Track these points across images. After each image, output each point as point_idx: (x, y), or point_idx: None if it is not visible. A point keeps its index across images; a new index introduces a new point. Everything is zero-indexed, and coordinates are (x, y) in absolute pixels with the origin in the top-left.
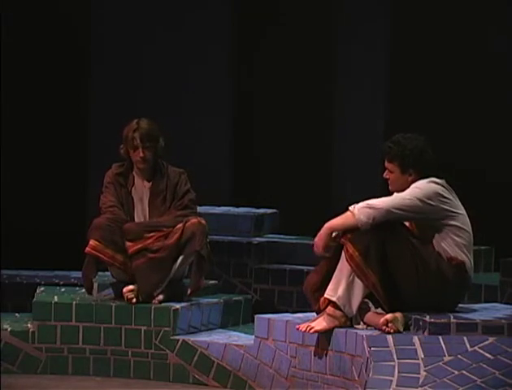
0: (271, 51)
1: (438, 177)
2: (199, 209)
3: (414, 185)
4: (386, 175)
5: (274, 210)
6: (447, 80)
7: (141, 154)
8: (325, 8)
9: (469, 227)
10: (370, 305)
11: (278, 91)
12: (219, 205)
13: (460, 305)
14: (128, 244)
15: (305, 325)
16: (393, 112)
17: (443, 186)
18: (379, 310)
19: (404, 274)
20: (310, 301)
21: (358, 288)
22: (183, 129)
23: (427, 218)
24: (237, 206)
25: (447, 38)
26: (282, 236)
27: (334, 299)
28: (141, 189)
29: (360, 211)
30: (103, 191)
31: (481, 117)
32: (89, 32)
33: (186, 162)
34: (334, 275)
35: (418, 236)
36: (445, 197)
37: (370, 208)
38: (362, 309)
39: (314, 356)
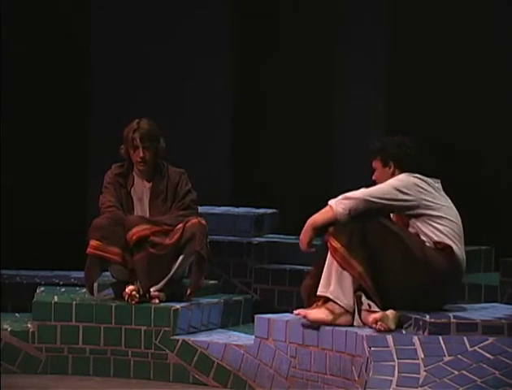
0: (271, 52)
1: (432, 177)
2: (199, 209)
3: (394, 177)
4: (373, 176)
5: (274, 210)
6: (446, 81)
7: (141, 154)
8: (325, 9)
9: (456, 219)
10: (363, 299)
11: (278, 91)
12: (219, 205)
13: (460, 305)
14: (128, 234)
15: (303, 311)
16: (393, 113)
17: (424, 181)
18: (373, 305)
19: (389, 262)
20: (306, 306)
21: (348, 279)
22: (183, 129)
23: (406, 207)
24: (237, 206)
25: (445, 39)
26: (282, 236)
27: (327, 294)
28: (141, 189)
29: (337, 203)
30: (103, 191)
31: (481, 117)
32: (89, 32)
33: (186, 163)
34: (323, 272)
35: (401, 226)
36: (425, 189)
37: (346, 199)
38: (359, 304)
39: (314, 356)
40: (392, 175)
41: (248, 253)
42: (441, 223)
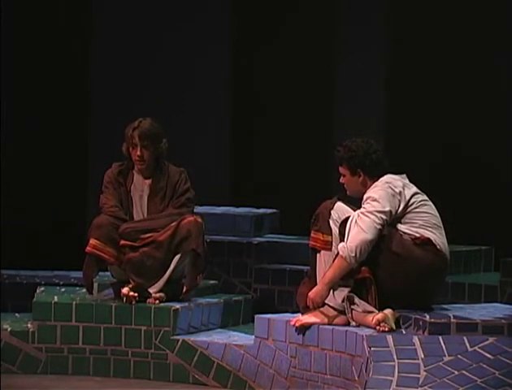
0: (271, 52)
1: (394, 173)
2: (199, 209)
3: (369, 199)
4: (341, 180)
5: (274, 210)
6: (447, 80)
7: (138, 153)
8: (325, 9)
9: (432, 210)
10: (356, 300)
11: (278, 91)
12: (219, 205)
13: (460, 305)
14: (120, 241)
15: (295, 319)
16: (392, 113)
17: (395, 186)
18: (366, 305)
19: (371, 262)
20: (302, 313)
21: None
22: (183, 129)
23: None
24: (237, 206)
25: (446, 37)
26: (282, 236)
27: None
28: (141, 187)
29: (349, 250)
30: (103, 191)
31: (482, 116)
32: (90, 32)
33: (186, 162)
34: (317, 279)
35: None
36: (398, 193)
37: (355, 244)
38: (349, 302)
39: (314, 356)
40: (363, 182)
41: (248, 253)
42: (416, 218)
